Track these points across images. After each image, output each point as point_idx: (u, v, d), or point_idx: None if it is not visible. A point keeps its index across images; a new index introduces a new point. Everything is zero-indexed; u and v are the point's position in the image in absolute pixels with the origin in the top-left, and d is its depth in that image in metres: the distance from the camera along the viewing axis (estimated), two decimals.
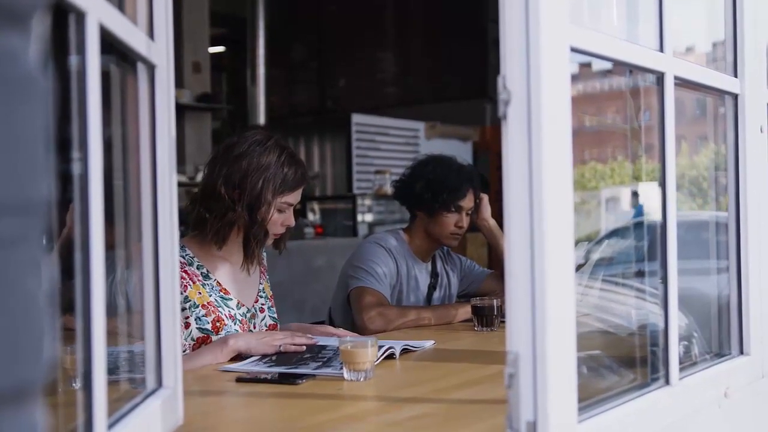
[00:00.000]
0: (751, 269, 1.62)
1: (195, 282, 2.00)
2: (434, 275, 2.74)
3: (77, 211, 0.85)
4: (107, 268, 0.89)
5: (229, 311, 2.03)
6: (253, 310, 2.12)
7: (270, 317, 2.17)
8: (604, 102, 1.81)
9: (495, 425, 1.27)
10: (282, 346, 1.87)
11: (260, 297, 2.16)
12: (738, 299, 1.62)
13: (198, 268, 2.03)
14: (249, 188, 1.98)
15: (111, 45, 0.98)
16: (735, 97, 1.62)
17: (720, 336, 1.67)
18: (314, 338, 1.99)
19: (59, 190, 0.82)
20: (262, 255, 2.22)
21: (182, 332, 1.95)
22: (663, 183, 1.35)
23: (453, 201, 2.59)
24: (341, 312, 2.60)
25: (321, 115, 9.21)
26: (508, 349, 1.01)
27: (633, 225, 1.93)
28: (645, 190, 1.64)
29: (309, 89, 9.71)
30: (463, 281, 2.83)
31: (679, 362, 1.36)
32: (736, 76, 1.62)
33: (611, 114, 1.82)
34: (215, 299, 2.02)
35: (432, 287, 2.72)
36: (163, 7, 1.19)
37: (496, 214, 2.23)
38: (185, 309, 1.95)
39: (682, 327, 1.48)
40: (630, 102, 1.56)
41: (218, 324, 1.99)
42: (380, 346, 1.78)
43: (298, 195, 2.07)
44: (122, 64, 1.12)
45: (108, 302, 0.90)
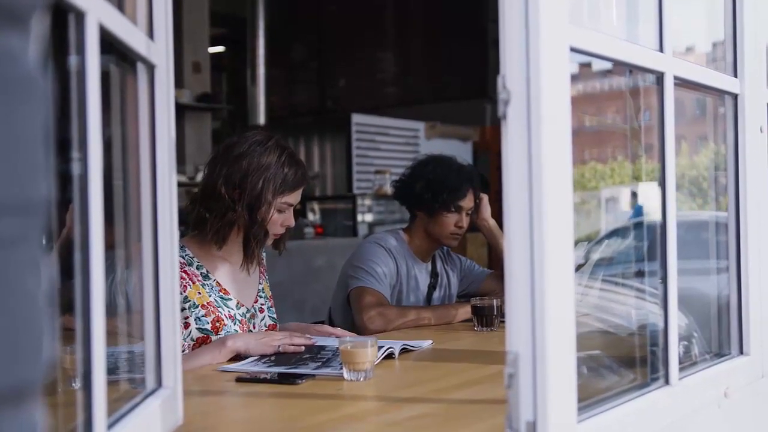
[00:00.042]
0: (751, 269, 1.62)
1: (195, 282, 2.00)
2: (434, 275, 2.74)
3: (77, 211, 0.85)
4: (107, 268, 0.89)
5: (229, 311, 2.03)
6: (253, 311, 2.11)
7: (269, 317, 2.17)
8: (604, 102, 1.81)
9: (495, 425, 1.27)
10: (281, 347, 1.87)
11: (260, 297, 2.16)
12: (738, 299, 1.62)
13: (198, 268, 2.03)
14: (249, 188, 1.98)
15: (111, 45, 0.98)
16: (735, 97, 1.62)
17: (720, 336, 1.67)
18: (313, 338, 1.99)
19: (59, 190, 0.82)
20: (262, 255, 2.22)
21: (182, 332, 1.95)
22: (663, 183, 1.35)
23: (453, 201, 2.59)
24: (341, 312, 2.60)
25: (321, 115, 9.21)
26: (508, 349, 1.01)
27: (633, 225, 1.93)
28: (645, 190, 1.64)
29: (309, 89, 9.71)
30: (463, 281, 2.83)
31: (679, 362, 1.36)
32: (736, 76, 1.62)
33: (611, 114, 1.82)
34: (215, 299, 2.01)
35: (432, 287, 2.72)
36: (163, 7, 1.19)
37: (496, 214, 2.22)
38: (185, 309, 1.95)
39: (682, 327, 1.48)
40: (630, 102, 1.56)
41: (218, 324, 1.98)
42: (379, 347, 1.78)
43: (298, 195, 2.07)
44: (122, 64, 1.12)
45: (108, 302, 0.90)
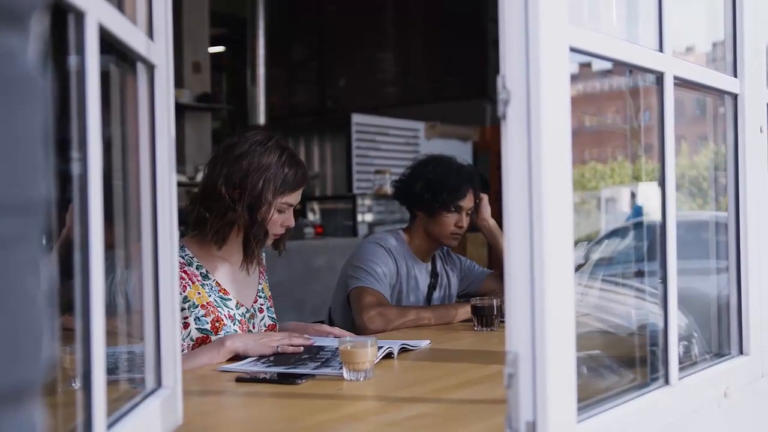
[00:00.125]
0: (751, 269, 1.62)
1: (194, 282, 2.00)
2: (434, 275, 2.74)
3: (76, 211, 0.85)
4: (107, 268, 0.89)
5: (228, 311, 2.03)
6: (252, 311, 2.11)
7: (269, 317, 2.17)
8: (604, 102, 1.80)
9: (494, 425, 1.27)
10: (279, 347, 1.87)
11: (259, 297, 2.16)
12: (738, 299, 1.62)
13: (197, 268, 2.03)
14: (249, 188, 1.98)
15: (110, 45, 0.98)
16: (735, 97, 1.62)
17: (720, 336, 1.67)
18: (311, 339, 1.99)
19: (59, 190, 0.82)
20: (262, 255, 2.22)
21: (181, 332, 1.95)
22: (663, 183, 1.35)
23: (453, 201, 2.59)
24: (341, 312, 2.60)
25: (321, 115, 9.21)
26: (508, 349, 1.01)
27: (633, 225, 1.93)
28: (645, 190, 1.64)
29: (309, 89, 9.71)
30: (463, 281, 2.83)
31: (679, 362, 1.36)
32: (736, 76, 1.62)
33: (611, 114, 1.82)
34: (214, 299, 2.01)
35: (432, 287, 2.72)
36: (163, 7, 1.19)
37: (496, 214, 2.22)
38: (184, 309, 1.95)
39: (682, 327, 1.48)
40: (630, 102, 1.56)
41: (217, 324, 1.98)
42: (378, 347, 1.78)
43: (298, 196, 2.07)
44: (122, 64, 1.12)
45: (107, 302, 0.90)
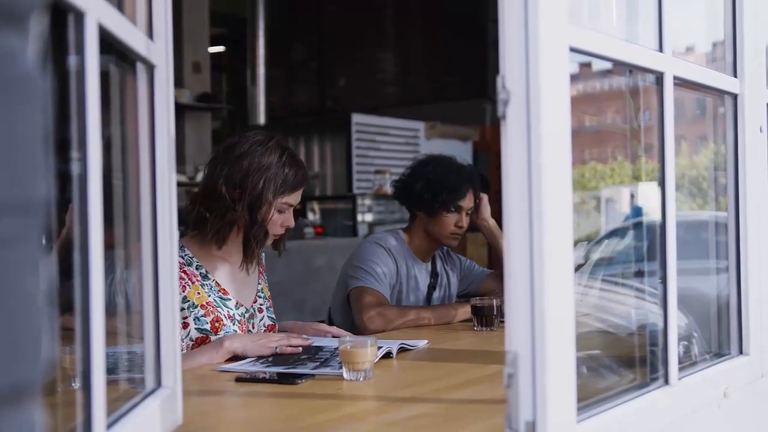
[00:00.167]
0: (751, 269, 1.62)
1: (194, 282, 2.00)
2: (434, 275, 2.74)
3: (76, 211, 0.85)
4: (106, 268, 0.89)
5: (228, 311, 2.03)
6: (252, 311, 2.11)
7: (268, 317, 2.17)
8: (604, 102, 1.80)
9: (494, 425, 1.27)
10: (278, 348, 1.87)
11: (259, 297, 2.16)
12: (737, 299, 1.62)
13: (197, 269, 2.03)
14: (250, 188, 1.98)
15: (110, 45, 0.99)
16: (734, 97, 1.62)
17: (719, 336, 1.67)
18: (310, 339, 1.99)
19: (59, 190, 0.82)
20: (261, 255, 2.22)
21: (180, 333, 1.95)
22: (662, 183, 1.35)
23: (453, 201, 2.59)
24: (341, 312, 2.60)
25: (321, 115, 9.20)
26: (507, 349, 1.01)
27: (633, 225, 1.93)
28: (644, 190, 1.64)
29: (309, 89, 9.71)
30: (463, 281, 2.83)
31: (679, 362, 1.36)
32: (736, 76, 1.62)
33: (611, 114, 1.82)
34: (214, 299, 2.01)
35: (432, 287, 2.72)
36: (163, 7, 1.19)
37: (496, 214, 2.22)
38: (183, 309, 1.95)
39: (682, 327, 1.48)
40: (630, 102, 1.56)
41: (217, 324, 1.98)
42: (378, 347, 1.78)
43: (298, 196, 2.07)
44: (121, 64, 1.12)
45: (107, 302, 0.90)
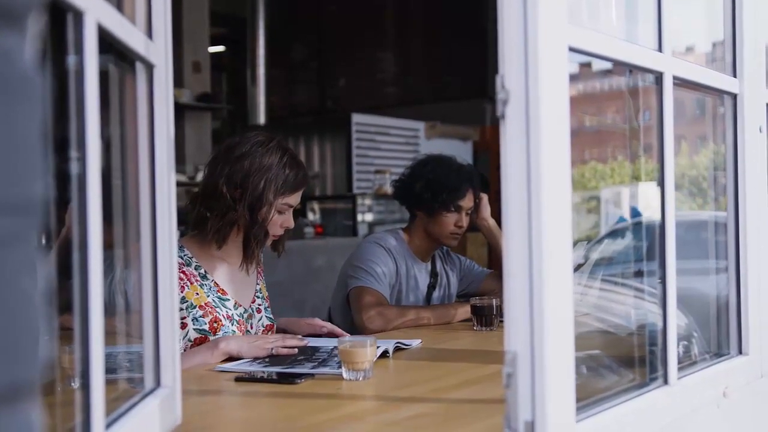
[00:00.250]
0: (750, 269, 1.62)
1: (193, 283, 2.00)
2: (434, 275, 2.74)
3: (75, 211, 0.85)
4: (106, 268, 0.89)
5: (227, 312, 2.03)
6: (250, 311, 2.11)
7: (267, 318, 2.17)
8: (604, 102, 1.80)
9: (493, 425, 1.27)
10: (274, 349, 1.87)
11: (257, 297, 2.16)
12: (737, 299, 1.62)
13: (196, 269, 2.03)
14: (251, 188, 1.98)
15: (109, 44, 0.99)
16: (734, 97, 1.62)
17: (719, 336, 1.67)
18: (305, 340, 1.99)
19: (58, 190, 0.82)
20: (260, 255, 2.22)
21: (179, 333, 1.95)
22: (662, 183, 1.35)
23: (452, 201, 2.59)
24: (341, 312, 2.60)
25: (321, 115, 9.20)
26: (507, 349, 1.01)
27: (632, 225, 1.93)
28: (644, 190, 1.64)
29: (309, 89, 9.71)
30: (463, 281, 2.83)
31: (678, 362, 1.36)
32: (735, 76, 1.62)
33: (611, 114, 1.82)
34: (213, 300, 2.01)
35: (431, 287, 2.72)
36: (162, 7, 1.19)
37: (496, 214, 2.22)
38: (182, 309, 1.95)
39: (682, 327, 1.48)
40: (630, 102, 1.56)
41: (215, 325, 1.98)
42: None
43: (298, 197, 2.08)
44: (121, 64, 1.12)
45: (107, 302, 0.90)
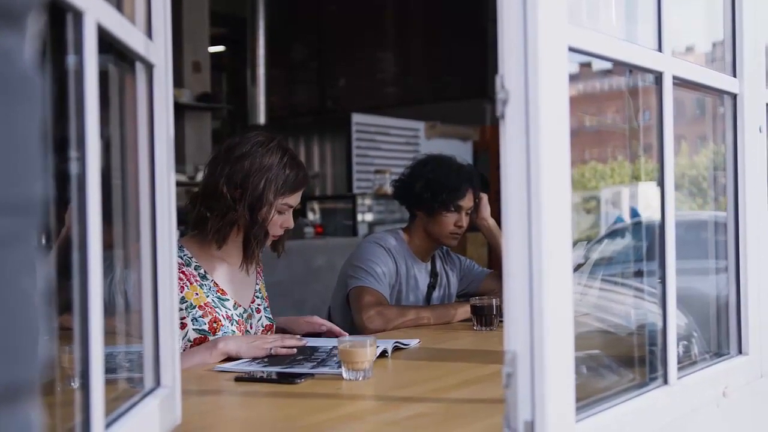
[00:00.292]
0: (750, 269, 1.62)
1: (192, 283, 2.00)
2: (434, 275, 2.74)
3: (75, 211, 0.85)
4: (106, 268, 0.89)
5: (226, 312, 2.03)
6: (250, 311, 2.11)
7: (266, 318, 2.17)
8: (604, 102, 1.80)
9: (493, 424, 1.27)
10: (272, 349, 1.87)
11: (257, 297, 2.16)
12: (737, 299, 1.62)
13: (196, 269, 2.03)
14: (251, 188, 1.98)
15: (109, 44, 0.99)
16: (734, 97, 1.62)
17: (719, 336, 1.67)
18: (304, 340, 1.99)
19: (59, 190, 0.82)
20: (260, 255, 2.22)
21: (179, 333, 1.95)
22: (661, 182, 1.35)
23: (452, 200, 2.59)
24: (341, 311, 2.60)
25: (321, 115, 9.21)
26: (506, 349, 1.01)
27: (632, 225, 1.93)
28: (644, 190, 1.64)
29: (309, 89, 9.72)
30: (463, 281, 2.83)
31: (678, 362, 1.36)
32: (735, 76, 1.62)
33: (611, 114, 1.82)
34: (212, 300, 2.01)
35: (431, 287, 2.72)
36: (162, 7, 1.19)
37: (496, 214, 2.22)
38: (181, 310, 1.95)
39: (682, 327, 1.48)
40: (630, 102, 1.56)
41: (215, 325, 1.99)
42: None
43: (298, 197, 2.08)
44: (120, 64, 1.12)
45: (107, 302, 0.90)
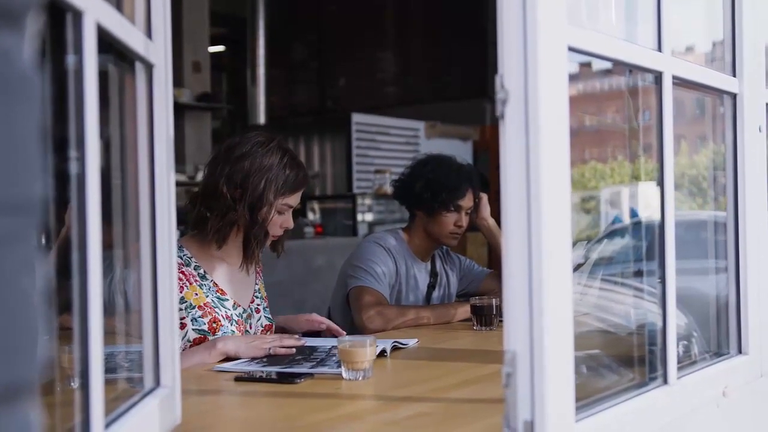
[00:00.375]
0: (750, 269, 1.62)
1: (192, 283, 2.00)
2: (433, 275, 2.74)
3: (74, 211, 0.85)
4: (106, 268, 0.89)
5: (226, 312, 2.03)
6: (249, 311, 2.12)
7: (265, 318, 2.17)
8: (605, 101, 1.80)
9: (493, 424, 1.27)
10: (271, 349, 1.87)
11: (256, 297, 2.16)
12: (737, 299, 1.62)
13: (195, 269, 2.03)
14: (251, 188, 1.98)
15: (109, 44, 0.99)
16: (734, 97, 1.62)
17: (719, 335, 1.67)
18: (303, 339, 2.00)
19: (59, 190, 0.82)
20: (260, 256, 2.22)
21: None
22: (661, 182, 1.35)
23: (452, 200, 2.59)
24: (340, 311, 2.60)
25: (321, 115, 9.21)
26: (506, 348, 1.01)
27: (632, 225, 1.93)
28: (644, 190, 1.64)
29: (309, 89, 9.72)
30: (463, 281, 2.83)
31: (678, 361, 1.36)
32: (735, 76, 1.62)
33: (611, 113, 1.82)
34: (212, 300, 2.01)
35: (431, 287, 2.72)
36: (161, 7, 1.20)
37: (496, 214, 2.22)
38: (181, 310, 1.95)
39: (681, 326, 1.48)
40: (630, 102, 1.56)
41: (214, 325, 1.99)
42: None
43: (298, 197, 2.08)
44: (120, 64, 1.12)
45: (106, 302, 0.90)
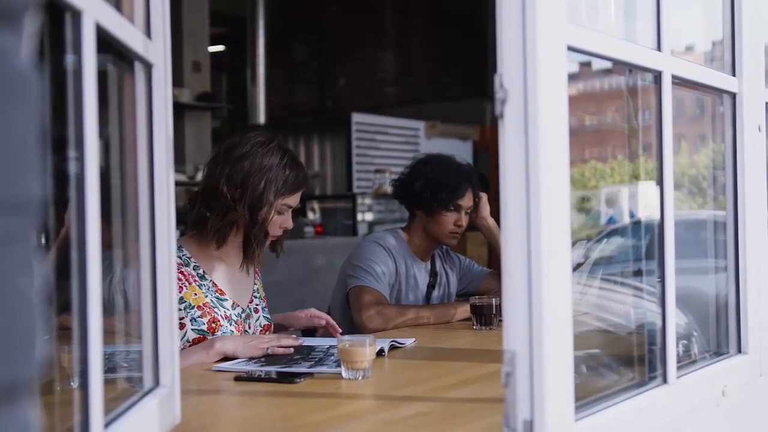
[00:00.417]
0: (750, 268, 1.62)
1: (191, 283, 2.00)
2: (433, 274, 2.74)
3: (73, 211, 0.85)
4: (105, 268, 0.89)
5: (225, 312, 2.03)
6: (248, 311, 2.12)
7: (264, 317, 2.17)
8: (604, 101, 1.80)
9: (492, 424, 1.27)
10: (269, 349, 1.87)
11: (255, 297, 2.16)
12: (736, 298, 1.62)
13: (194, 269, 2.03)
14: (251, 188, 1.98)
15: (108, 44, 0.99)
16: (733, 96, 1.62)
17: (718, 335, 1.67)
18: (300, 339, 2.00)
19: (59, 190, 0.82)
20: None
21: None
22: (660, 182, 1.35)
23: (452, 200, 2.59)
24: (340, 311, 2.60)
25: (321, 115, 9.21)
26: (505, 348, 1.01)
27: (631, 224, 1.93)
28: (643, 189, 1.64)
29: (309, 89, 9.72)
30: (462, 280, 2.83)
31: (678, 361, 1.36)
32: (735, 75, 1.62)
33: (611, 113, 1.82)
34: (211, 300, 2.01)
35: (431, 286, 2.72)
36: (161, 6, 1.20)
37: (496, 213, 2.22)
38: (180, 310, 1.95)
39: (681, 326, 1.48)
40: (629, 101, 1.56)
41: (214, 325, 1.99)
42: None
43: (298, 198, 2.08)
44: (119, 63, 1.12)
45: (106, 301, 0.90)
